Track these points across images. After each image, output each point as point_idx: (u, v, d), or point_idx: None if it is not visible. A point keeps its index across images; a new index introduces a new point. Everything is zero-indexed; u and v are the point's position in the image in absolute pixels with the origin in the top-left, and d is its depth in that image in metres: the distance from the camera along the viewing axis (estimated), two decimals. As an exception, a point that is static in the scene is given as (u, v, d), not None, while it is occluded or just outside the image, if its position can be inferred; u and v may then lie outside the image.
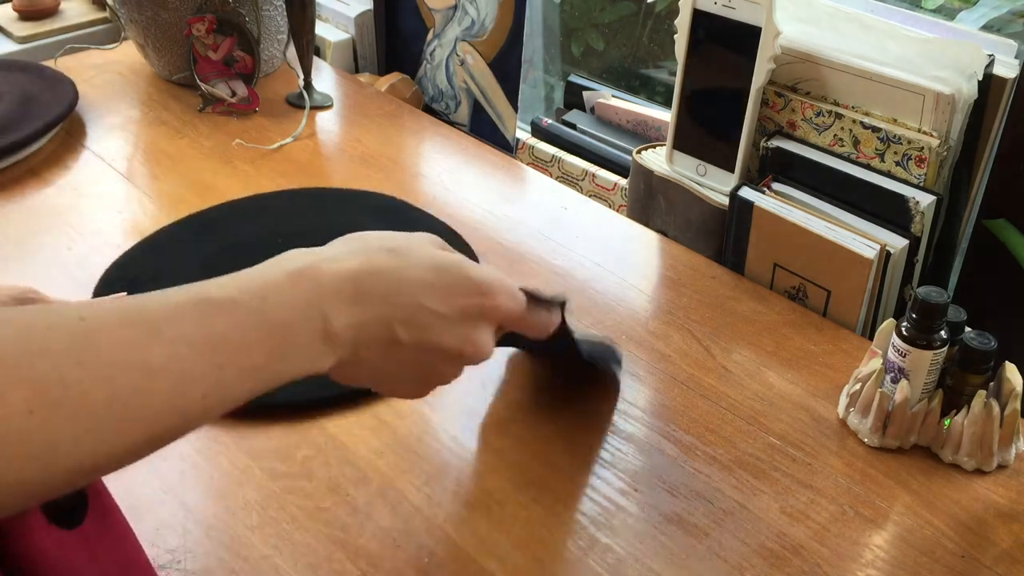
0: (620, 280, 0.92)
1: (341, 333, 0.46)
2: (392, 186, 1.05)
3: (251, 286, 0.43)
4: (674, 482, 0.69)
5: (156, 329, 0.39)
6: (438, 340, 0.50)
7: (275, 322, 0.43)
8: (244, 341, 0.42)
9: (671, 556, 0.64)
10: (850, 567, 0.64)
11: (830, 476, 0.70)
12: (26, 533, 0.42)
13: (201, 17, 1.18)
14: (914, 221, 0.83)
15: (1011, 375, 0.71)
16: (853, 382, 0.75)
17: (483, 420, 0.75)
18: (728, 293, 0.90)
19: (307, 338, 0.45)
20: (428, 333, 0.49)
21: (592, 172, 1.15)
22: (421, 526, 0.65)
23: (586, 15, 1.43)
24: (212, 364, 0.40)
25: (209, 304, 0.41)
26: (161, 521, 0.65)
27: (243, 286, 0.43)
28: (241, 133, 1.15)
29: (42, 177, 1.06)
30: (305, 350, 0.45)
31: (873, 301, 0.85)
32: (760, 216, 0.88)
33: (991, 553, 0.65)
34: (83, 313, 0.38)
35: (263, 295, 0.43)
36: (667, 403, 0.77)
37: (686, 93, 0.96)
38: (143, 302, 0.40)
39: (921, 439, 0.73)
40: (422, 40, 1.34)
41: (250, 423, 0.73)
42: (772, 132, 0.93)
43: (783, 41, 0.88)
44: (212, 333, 0.41)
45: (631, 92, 1.29)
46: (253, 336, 0.42)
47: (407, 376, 0.52)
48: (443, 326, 0.50)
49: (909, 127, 0.85)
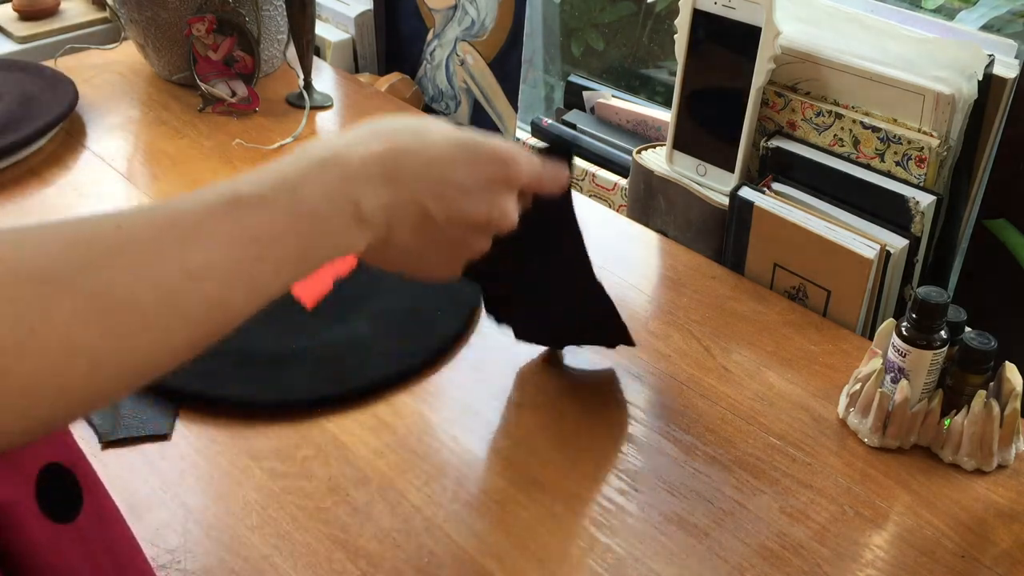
0: (620, 280, 0.92)
1: (373, 215, 0.47)
2: (392, 186, 1.05)
3: (280, 180, 0.44)
4: (674, 482, 0.69)
5: (192, 233, 0.40)
6: (467, 211, 0.51)
7: (307, 212, 0.44)
8: (279, 234, 0.43)
9: (671, 556, 0.64)
10: (850, 567, 0.64)
11: (830, 476, 0.70)
12: (17, 524, 0.42)
13: (201, 17, 1.18)
14: (914, 221, 0.83)
15: (1011, 375, 0.71)
16: (853, 382, 0.75)
17: (483, 420, 0.75)
18: (728, 293, 0.90)
19: (340, 223, 0.46)
20: (457, 205, 0.50)
21: (592, 172, 1.15)
22: (421, 526, 0.65)
23: (586, 15, 1.43)
24: (250, 260, 0.42)
25: (240, 202, 0.42)
26: (161, 521, 0.65)
27: (271, 181, 0.44)
28: (241, 133, 1.15)
29: (42, 177, 1.06)
30: (339, 235, 0.46)
31: (873, 301, 0.85)
32: (760, 216, 0.88)
33: (991, 553, 0.65)
34: (119, 222, 0.39)
35: (292, 188, 0.44)
36: (667, 403, 0.77)
37: (686, 93, 0.96)
38: (175, 207, 0.41)
39: (921, 439, 0.73)
40: (422, 40, 1.34)
41: (250, 423, 0.74)
42: (772, 132, 0.93)
43: (783, 41, 0.88)
44: (247, 231, 0.42)
45: (631, 92, 1.29)
46: (288, 228, 0.43)
47: (439, 253, 0.53)
48: (470, 197, 0.51)
49: (909, 127, 0.85)
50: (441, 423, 0.74)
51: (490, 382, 0.78)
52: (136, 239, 0.39)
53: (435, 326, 0.83)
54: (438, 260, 0.54)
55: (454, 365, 0.80)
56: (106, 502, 0.50)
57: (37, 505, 0.43)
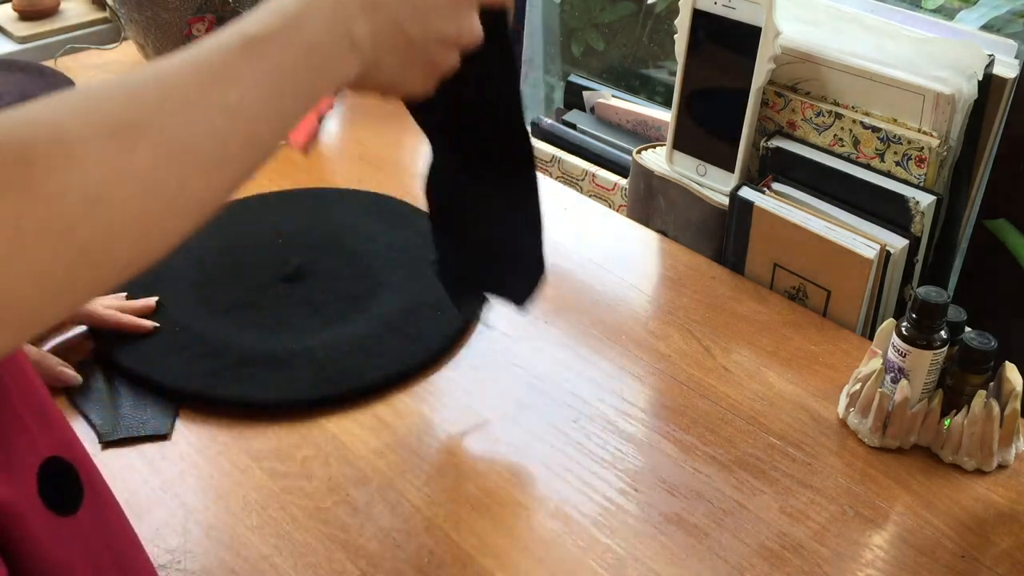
0: (620, 280, 0.92)
1: (362, 41, 0.51)
2: (392, 186, 1.05)
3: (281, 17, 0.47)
4: (674, 482, 0.70)
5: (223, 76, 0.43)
6: (440, 28, 0.56)
7: (313, 44, 0.48)
8: (293, 68, 0.46)
9: (671, 556, 0.64)
10: (850, 567, 0.64)
11: (830, 476, 0.70)
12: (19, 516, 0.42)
13: (201, 17, 1.18)
14: (914, 221, 0.83)
15: (1011, 375, 0.71)
16: (853, 382, 0.75)
17: (483, 420, 0.75)
18: (728, 293, 0.90)
19: (339, 52, 0.50)
20: (432, 24, 0.55)
21: (592, 172, 1.15)
22: (421, 526, 0.65)
23: (586, 15, 1.43)
24: (275, 95, 0.45)
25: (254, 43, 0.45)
26: (161, 521, 0.65)
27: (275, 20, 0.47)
28: (241, 133, 1.15)
29: (42, 177, 1.06)
30: (339, 64, 0.50)
31: (873, 301, 0.85)
32: (760, 216, 0.88)
33: (991, 553, 0.65)
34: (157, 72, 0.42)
35: (297, 24, 0.47)
36: (667, 403, 0.77)
37: (686, 93, 0.96)
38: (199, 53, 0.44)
39: (921, 439, 0.73)
40: (422, 40, 1.33)
41: (250, 423, 0.74)
42: (772, 132, 0.93)
43: (783, 41, 0.88)
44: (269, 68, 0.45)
45: (631, 92, 1.29)
46: (300, 62, 0.47)
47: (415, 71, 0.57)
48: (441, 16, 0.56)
49: (909, 127, 0.85)
50: (441, 423, 0.74)
51: (490, 382, 0.78)
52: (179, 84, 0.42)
53: (435, 326, 0.83)
54: (415, 78, 0.58)
55: (454, 365, 0.80)
56: (107, 498, 0.50)
57: (39, 498, 0.44)
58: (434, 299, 0.85)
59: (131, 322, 0.80)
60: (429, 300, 0.85)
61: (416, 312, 0.84)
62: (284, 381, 0.77)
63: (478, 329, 0.84)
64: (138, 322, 0.80)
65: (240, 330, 0.81)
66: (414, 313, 0.84)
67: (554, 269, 0.93)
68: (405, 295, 0.86)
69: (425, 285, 0.86)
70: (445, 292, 0.78)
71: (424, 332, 0.82)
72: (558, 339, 0.83)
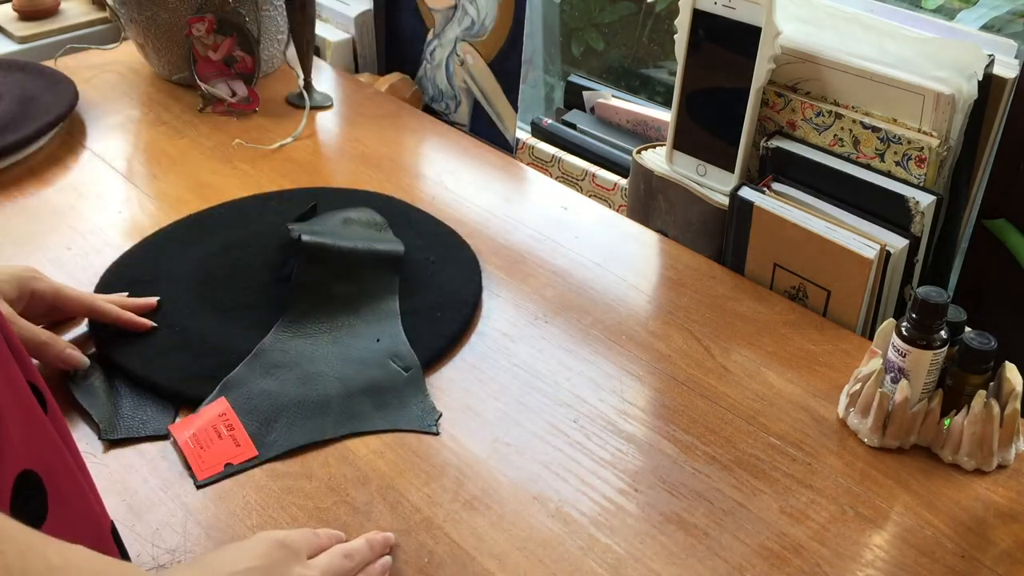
0: (620, 280, 0.92)
1: None
2: (392, 186, 1.05)
3: None
4: (674, 482, 0.70)
5: None
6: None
7: None
8: None
9: (671, 556, 0.64)
10: (850, 567, 0.64)
11: (830, 476, 0.70)
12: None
13: (201, 17, 1.18)
14: (914, 221, 0.83)
15: (1011, 375, 0.71)
16: (853, 382, 0.75)
17: (483, 420, 0.75)
18: (728, 293, 0.90)
19: None
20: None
21: (592, 172, 1.15)
22: (421, 526, 0.65)
23: (586, 15, 1.43)
24: None
25: None
26: (161, 521, 0.65)
27: None
28: (241, 133, 1.15)
29: (42, 177, 1.06)
30: None
31: (873, 301, 0.85)
32: (760, 216, 0.88)
33: (991, 553, 0.65)
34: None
35: None
36: (667, 403, 0.77)
37: (686, 93, 0.96)
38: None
39: (921, 439, 0.73)
40: (422, 40, 1.34)
41: (250, 423, 0.73)
42: (772, 132, 0.93)
43: (783, 41, 0.88)
44: None
45: (631, 92, 1.29)
46: None
47: None
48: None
49: (909, 127, 0.85)
50: (441, 423, 0.74)
51: (490, 382, 0.78)
52: None
53: (435, 326, 0.83)
54: None
55: (454, 365, 0.80)
56: (73, 508, 0.50)
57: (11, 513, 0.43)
58: (434, 299, 0.85)
59: (130, 319, 0.80)
60: (429, 300, 0.85)
61: (416, 312, 0.84)
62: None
63: (478, 329, 0.84)
64: (137, 320, 0.80)
65: (240, 330, 0.81)
66: (414, 313, 0.84)
67: (554, 269, 0.93)
68: (405, 295, 0.86)
69: (425, 285, 0.86)
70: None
71: (424, 332, 0.82)
72: (558, 339, 0.83)
